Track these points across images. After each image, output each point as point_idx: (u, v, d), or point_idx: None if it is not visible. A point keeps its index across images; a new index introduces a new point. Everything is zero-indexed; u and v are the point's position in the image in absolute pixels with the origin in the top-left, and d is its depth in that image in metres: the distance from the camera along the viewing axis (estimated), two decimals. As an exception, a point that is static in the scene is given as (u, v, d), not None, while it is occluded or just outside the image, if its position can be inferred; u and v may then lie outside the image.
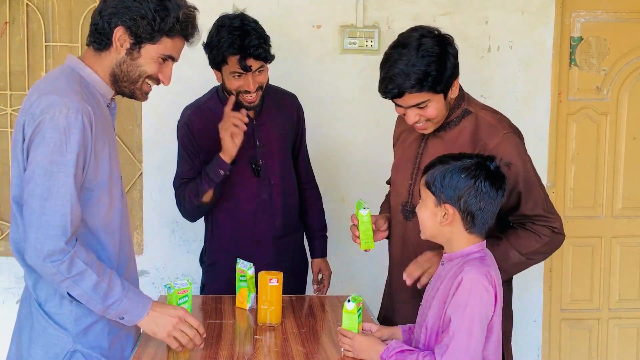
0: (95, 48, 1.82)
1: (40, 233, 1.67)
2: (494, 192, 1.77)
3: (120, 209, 1.87)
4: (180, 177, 2.58)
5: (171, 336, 1.84)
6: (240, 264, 2.33)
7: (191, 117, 2.55)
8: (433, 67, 1.96)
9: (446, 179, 1.77)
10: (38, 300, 1.81)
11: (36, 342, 1.81)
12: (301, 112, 2.71)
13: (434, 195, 1.80)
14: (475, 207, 1.76)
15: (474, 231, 1.80)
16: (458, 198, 1.76)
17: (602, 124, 3.56)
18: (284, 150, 2.62)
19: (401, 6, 3.31)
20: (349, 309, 1.90)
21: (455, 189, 1.76)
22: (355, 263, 3.27)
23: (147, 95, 1.90)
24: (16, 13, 3.23)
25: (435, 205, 1.80)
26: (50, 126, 1.66)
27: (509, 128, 2.10)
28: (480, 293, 1.72)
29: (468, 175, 1.76)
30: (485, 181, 1.76)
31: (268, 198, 2.57)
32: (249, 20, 2.42)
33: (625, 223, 3.62)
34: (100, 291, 1.74)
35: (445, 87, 2.01)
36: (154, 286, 3.31)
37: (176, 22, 1.79)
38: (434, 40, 1.99)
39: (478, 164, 1.78)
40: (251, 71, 2.39)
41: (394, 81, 1.98)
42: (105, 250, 1.83)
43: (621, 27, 3.49)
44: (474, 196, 1.76)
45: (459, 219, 1.79)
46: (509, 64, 3.40)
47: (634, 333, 3.69)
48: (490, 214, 1.80)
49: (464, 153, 1.89)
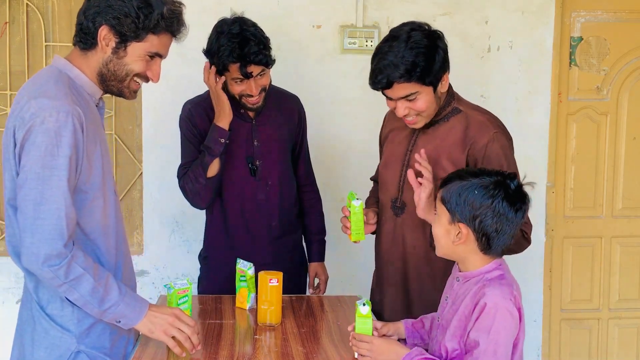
0: (81, 48, 1.81)
1: (36, 238, 1.67)
2: (513, 214, 1.67)
3: (114, 208, 1.86)
4: (184, 165, 2.56)
5: (168, 334, 1.84)
6: (240, 264, 2.33)
7: (192, 111, 2.55)
8: (421, 59, 1.99)
9: (462, 197, 1.69)
10: (40, 303, 1.81)
11: (39, 344, 1.81)
12: (302, 114, 2.71)
13: (448, 212, 1.72)
14: (491, 228, 1.67)
15: (489, 252, 1.72)
16: (473, 218, 1.67)
17: (602, 124, 3.56)
18: (282, 151, 2.62)
19: (401, 6, 3.31)
20: (364, 313, 1.83)
21: (471, 208, 1.67)
22: (355, 262, 3.27)
23: (136, 94, 1.89)
24: (16, 13, 3.23)
25: (449, 223, 1.73)
26: (41, 130, 1.65)
27: (498, 128, 2.12)
28: (505, 318, 1.64)
29: (486, 194, 1.67)
30: (504, 202, 1.66)
31: (265, 198, 2.57)
32: (248, 24, 2.41)
33: (625, 223, 3.62)
34: (97, 295, 1.73)
35: (434, 79, 2.04)
36: (154, 286, 3.31)
37: (160, 18, 1.78)
38: (423, 34, 2.03)
39: (497, 182, 1.69)
40: (252, 77, 2.39)
41: (383, 72, 2.01)
42: (102, 251, 1.82)
43: (621, 27, 3.50)
44: (490, 217, 1.67)
45: (473, 240, 1.70)
46: (509, 64, 3.40)
47: (634, 333, 3.69)
48: (508, 237, 1.70)
49: (484, 169, 1.81)
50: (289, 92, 2.70)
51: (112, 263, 1.86)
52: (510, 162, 2.10)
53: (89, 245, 1.79)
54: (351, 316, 2.24)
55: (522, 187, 1.71)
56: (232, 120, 2.49)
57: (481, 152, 2.08)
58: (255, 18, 2.47)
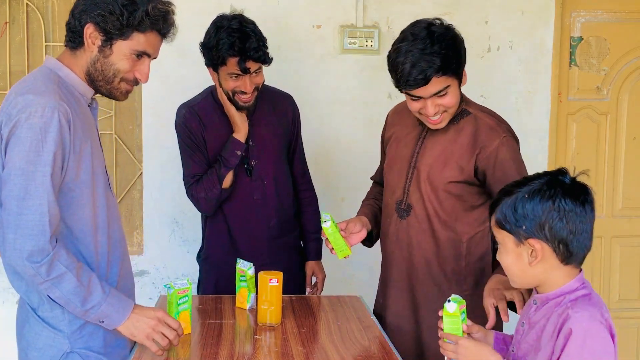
0: (70, 47, 1.81)
1: (19, 233, 1.66)
2: (581, 208, 1.50)
3: (106, 208, 1.85)
4: (190, 175, 2.56)
5: (150, 338, 1.83)
6: (240, 264, 2.33)
7: (187, 116, 2.56)
8: (451, 51, 1.98)
9: (519, 211, 1.51)
10: (31, 305, 1.81)
11: (33, 346, 1.81)
12: (297, 113, 2.70)
13: (511, 233, 1.53)
14: (564, 231, 1.49)
15: (572, 261, 1.52)
16: (541, 227, 1.49)
17: (602, 124, 3.56)
18: (277, 150, 2.61)
19: (401, 6, 3.31)
20: (450, 311, 1.64)
21: (533, 218, 1.50)
22: (355, 262, 3.26)
23: (127, 95, 1.88)
24: (16, 13, 3.23)
25: (516, 246, 1.54)
26: (27, 126, 1.65)
27: (507, 132, 2.12)
28: (595, 344, 1.43)
29: (543, 197, 1.50)
30: (565, 198, 1.50)
31: (261, 198, 2.57)
32: (248, 22, 2.42)
33: (625, 223, 3.62)
34: (79, 295, 1.73)
35: (462, 71, 2.04)
36: (154, 286, 3.31)
37: (145, 15, 1.77)
38: (442, 28, 2.02)
39: (549, 182, 1.53)
40: (249, 73, 2.39)
41: (417, 68, 1.95)
42: (89, 251, 1.81)
43: (621, 27, 3.50)
44: (558, 219, 1.49)
45: (551, 252, 1.51)
46: (509, 64, 3.40)
47: (634, 333, 3.69)
48: (587, 235, 1.52)
49: (527, 176, 1.64)
50: (282, 92, 2.70)
51: (105, 262, 1.85)
52: (520, 166, 2.09)
53: (75, 244, 1.79)
54: (351, 316, 2.24)
55: (575, 179, 1.56)
56: (226, 121, 2.51)
57: (492, 158, 2.07)
58: (255, 18, 2.47)
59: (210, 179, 2.49)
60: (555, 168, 1.63)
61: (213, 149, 2.54)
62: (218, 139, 2.52)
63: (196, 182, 2.53)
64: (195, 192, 2.53)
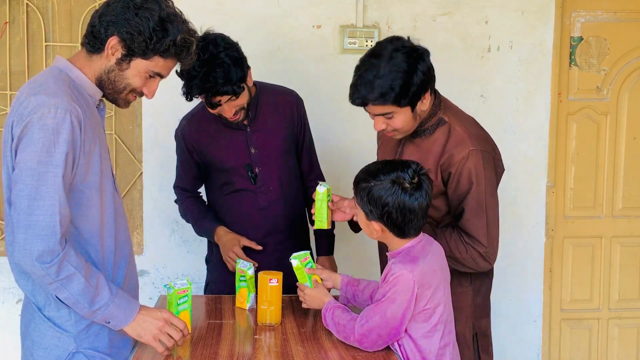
0: (88, 50, 1.81)
1: (29, 234, 1.66)
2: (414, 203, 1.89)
3: (113, 209, 1.86)
4: (178, 185, 2.71)
5: (157, 339, 1.84)
6: (240, 264, 2.33)
7: (185, 127, 2.58)
8: (398, 83, 2.00)
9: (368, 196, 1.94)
10: (37, 305, 1.81)
11: (39, 345, 1.81)
12: (301, 107, 2.66)
13: (362, 210, 1.97)
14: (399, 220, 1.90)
15: (406, 236, 1.93)
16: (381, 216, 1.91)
17: (602, 124, 3.56)
18: (282, 154, 2.59)
19: (401, 6, 3.31)
20: (295, 266, 2.17)
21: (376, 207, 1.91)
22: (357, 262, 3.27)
23: (129, 105, 1.91)
24: (16, 13, 3.23)
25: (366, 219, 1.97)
26: (39, 126, 1.65)
27: (477, 145, 2.09)
28: (398, 286, 1.86)
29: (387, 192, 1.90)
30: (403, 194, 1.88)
31: (267, 205, 2.56)
32: (219, 48, 2.29)
33: (625, 223, 3.62)
34: (87, 295, 1.73)
35: (410, 101, 2.04)
36: (154, 286, 3.31)
37: (172, 45, 1.79)
38: (404, 56, 2.02)
39: (393, 181, 1.89)
40: (220, 105, 2.35)
41: (359, 91, 2.05)
42: (98, 251, 1.82)
43: (621, 27, 3.50)
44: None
45: (388, 231, 1.94)
46: (509, 64, 3.40)
47: (634, 333, 3.69)
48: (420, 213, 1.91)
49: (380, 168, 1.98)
50: (284, 89, 2.67)
51: (111, 262, 1.86)
52: (481, 182, 2.07)
53: (83, 245, 1.79)
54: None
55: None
56: (226, 130, 2.52)
57: (454, 167, 2.08)
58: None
59: (189, 216, 2.68)
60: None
61: (212, 154, 2.55)
62: (216, 145, 2.54)
63: (181, 199, 2.71)
64: (179, 206, 2.72)
